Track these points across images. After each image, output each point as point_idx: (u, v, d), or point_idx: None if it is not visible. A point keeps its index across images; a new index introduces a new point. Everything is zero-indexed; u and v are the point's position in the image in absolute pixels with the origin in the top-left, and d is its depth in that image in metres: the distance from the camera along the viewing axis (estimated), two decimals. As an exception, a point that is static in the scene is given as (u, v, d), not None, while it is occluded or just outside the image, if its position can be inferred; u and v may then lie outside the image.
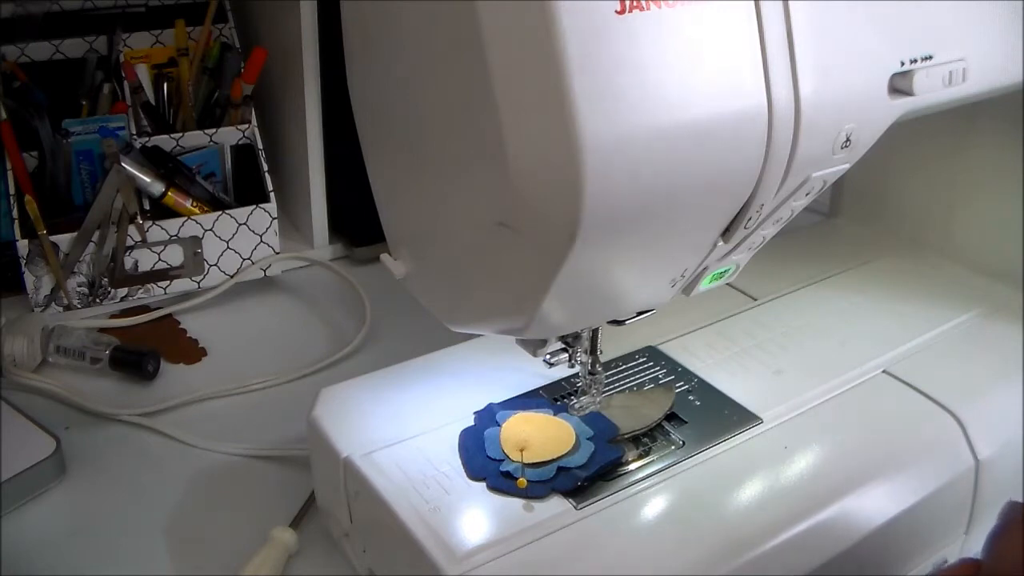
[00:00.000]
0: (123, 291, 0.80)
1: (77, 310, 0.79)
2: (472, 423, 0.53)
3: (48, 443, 0.62)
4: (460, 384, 0.57)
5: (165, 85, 0.87)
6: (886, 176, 0.75)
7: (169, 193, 0.79)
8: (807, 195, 0.44)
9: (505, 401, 0.55)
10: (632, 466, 0.51)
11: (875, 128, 0.44)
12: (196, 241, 0.81)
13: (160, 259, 0.80)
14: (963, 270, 0.70)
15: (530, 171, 0.36)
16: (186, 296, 0.82)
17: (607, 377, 0.56)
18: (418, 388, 0.56)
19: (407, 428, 0.53)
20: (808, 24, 0.39)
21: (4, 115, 0.78)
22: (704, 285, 0.48)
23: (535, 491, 0.48)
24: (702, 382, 0.57)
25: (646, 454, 0.52)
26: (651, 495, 0.49)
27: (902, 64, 0.44)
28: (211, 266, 0.82)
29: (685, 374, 0.58)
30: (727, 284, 0.50)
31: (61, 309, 0.79)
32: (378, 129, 0.47)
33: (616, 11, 0.34)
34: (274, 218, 0.83)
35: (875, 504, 0.50)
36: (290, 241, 0.91)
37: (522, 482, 0.48)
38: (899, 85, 0.44)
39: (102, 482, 0.63)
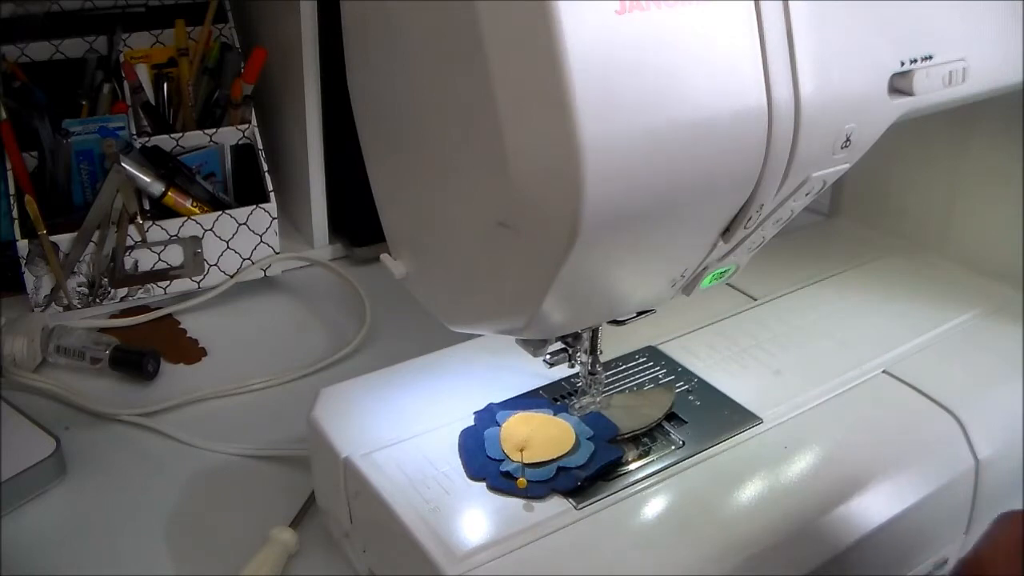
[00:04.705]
0: (123, 291, 0.80)
1: (77, 310, 0.79)
2: (472, 423, 0.53)
3: (48, 443, 0.62)
4: (460, 384, 0.57)
5: (165, 85, 0.87)
6: (886, 176, 0.75)
7: (169, 193, 0.79)
8: (807, 195, 0.44)
9: (505, 401, 0.55)
10: (632, 466, 0.51)
11: (875, 128, 0.44)
12: (196, 241, 0.81)
13: (160, 259, 0.80)
14: (963, 270, 0.70)
15: (530, 171, 0.36)
16: (186, 296, 0.82)
17: (607, 377, 0.56)
18: (418, 388, 0.56)
19: (407, 428, 0.53)
20: (808, 24, 0.39)
21: (4, 115, 0.78)
22: (704, 285, 0.48)
23: (535, 491, 0.48)
24: (702, 382, 0.57)
25: (646, 454, 0.52)
26: (651, 495, 0.49)
27: (902, 64, 0.44)
28: (211, 266, 0.82)
29: (685, 374, 0.58)
30: (727, 284, 0.50)
31: (61, 309, 0.79)
32: (378, 129, 0.47)
33: (616, 11, 0.34)
34: (274, 218, 0.83)
35: (875, 504, 0.50)
36: (290, 241, 0.91)
37: (522, 482, 0.48)
38: (899, 85, 0.44)
39: (102, 482, 0.63)
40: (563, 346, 0.52)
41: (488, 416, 0.53)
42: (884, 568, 0.52)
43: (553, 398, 0.56)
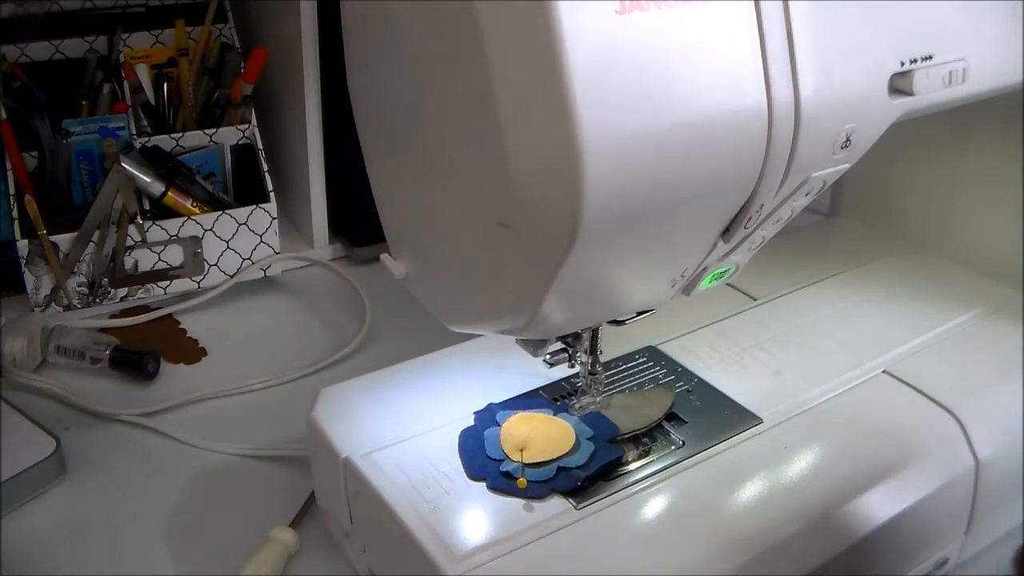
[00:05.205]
0: (123, 291, 0.80)
1: (77, 310, 0.79)
2: (472, 423, 0.53)
3: (48, 443, 0.62)
4: (460, 384, 0.57)
5: (165, 85, 0.87)
6: (886, 176, 0.75)
7: (169, 193, 0.80)
8: (807, 195, 0.44)
9: (505, 401, 0.55)
10: (632, 466, 0.51)
11: (875, 128, 0.44)
12: (196, 241, 0.81)
13: (160, 259, 0.80)
14: (963, 270, 0.70)
15: (530, 171, 0.36)
16: (186, 296, 0.82)
17: (607, 377, 0.56)
18: (418, 388, 0.56)
19: (407, 428, 0.53)
20: (808, 24, 0.39)
21: (4, 115, 0.78)
22: (704, 285, 0.48)
23: (535, 491, 0.48)
24: (702, 382, 0.57)
25: (646, 454, 0.52)
26: (651, 495, 0.49)
27: (902, 64, 0.44)
28: (211, 266, 0.82)
29: (685, 374, 0.58)
30: (727, 284, 0.50)
31: (61, 309, 0.79)
32: (378, 129, 0.47)
33: (616, 11, 0.34)
34: (274, 218, 0.83)
35: (875, 504, 0.50)
36: (290, 241, 0.91)
37: (522, 482, 0.48)
38: (899, 85, 0.44)
39: (102, 482, 0.63)
40: (563, 346, 0.52)
41: (488, 416, 0.53)
42: (884, 567, 0.52)
43: (553, 398, 0.56)
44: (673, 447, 0.52)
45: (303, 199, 0.90)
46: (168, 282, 0.81)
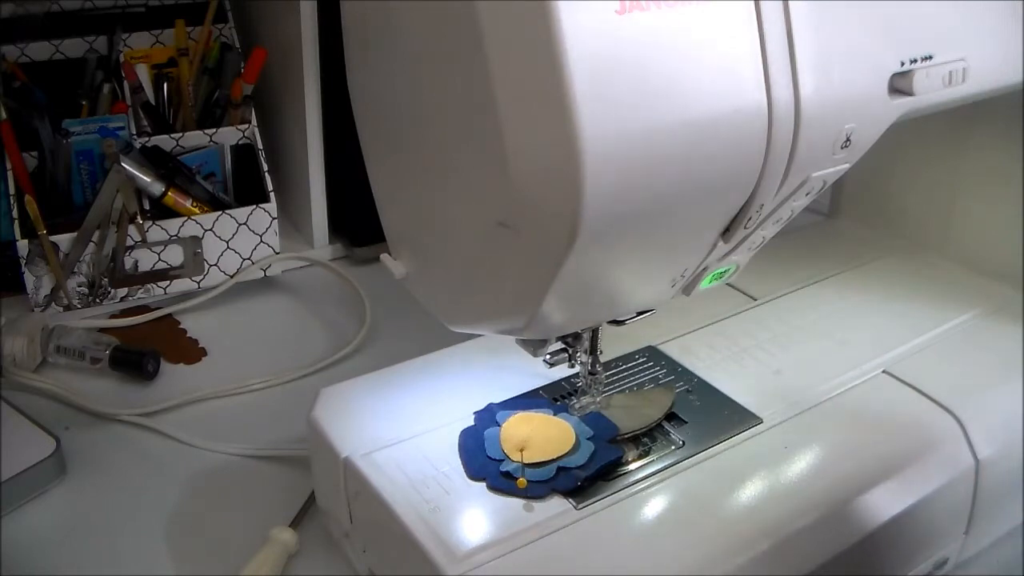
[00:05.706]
0: (123, 291, 0.80)
1: (77, 310, 0.79)
2: (472, 423, 0.53)
3: (48, 443, 0.62)
4: (460, 384, 0.57)
5: (165, 85, 0.87)
6: (886, 176, 0.75)
7: (169, 193, 0.80)
8: (807, 195, 0.44)
9: (505, 401, 0.55)
10: (632, 466, 0.51)
11: (875, 128, 0.44)
12: (196, 241, 0.81)
13: (160, 259, 0.80)
14: (963, 270, 0.70)
15: (530, 171, 0.36)
16: (186, 296, 0.82)
17: (607, 377, 0.56)
18: (418, 388, 0.56)
19: (407, 428, 0.53)
20: (808, 24, 0.39)
21: (4, 115, 0.78)
22: (704, 285, 0.48)
23: (535, 491, 0.48)
24: (702, 382, 0.57)
25: (646, 454, 0.52)
26: (651, 495, 0.49)
27: (902, 64, 0.44)
28: (211, 266, 0.82)
29: (685, 374, 0.58)
30: (727, 284, 0.50)
31: (61, 309, 0.79)
32: (378, 129, 0.47)
33: (616, 11, 0.34)
34: (274, 218, 0.83)
35: (875, 504, 0.50)
36: (290, 241, 0.91)
37: (522, 482, 0.48)
38: (899, 85, 0.44)
39: (102, 482, 0.63)
40: (563, 346, 0.52)
41: (488, 416, 0.53)
42: (884, 567, 0.52)
43: (553, 398, 0.56)
44: (673, 447, 0.52)
45: (303, 199, 0.90)
46: (168, 282, 0.81)
